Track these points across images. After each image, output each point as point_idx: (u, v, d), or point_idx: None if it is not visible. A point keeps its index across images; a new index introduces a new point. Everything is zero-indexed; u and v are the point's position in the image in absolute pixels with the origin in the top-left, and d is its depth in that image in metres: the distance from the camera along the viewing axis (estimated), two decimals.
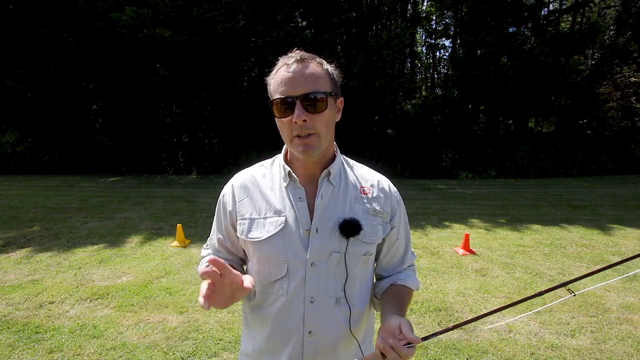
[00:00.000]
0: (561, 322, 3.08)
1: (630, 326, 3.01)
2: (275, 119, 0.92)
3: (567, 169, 13.45)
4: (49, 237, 5.46)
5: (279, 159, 1.04)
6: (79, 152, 13.82)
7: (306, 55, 0.90)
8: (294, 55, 0.90)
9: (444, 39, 17.30)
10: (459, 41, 16.09)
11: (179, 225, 5.21)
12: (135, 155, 13.88)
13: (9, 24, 12.51)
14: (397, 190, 1.08)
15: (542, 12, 15.36)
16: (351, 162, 1.08)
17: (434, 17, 17.01)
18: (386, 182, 1.06)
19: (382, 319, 0.92)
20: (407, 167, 13.51)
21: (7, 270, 4.19)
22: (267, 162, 1.07)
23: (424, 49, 19.37)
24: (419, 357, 2.61)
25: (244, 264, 1.10)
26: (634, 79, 15.05)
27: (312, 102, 0.86)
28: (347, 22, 14.02)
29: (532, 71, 12.94)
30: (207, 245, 1.14)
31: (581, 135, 15.41)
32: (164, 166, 13.83)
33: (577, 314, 3.20)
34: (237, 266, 1.09)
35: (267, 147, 11.55)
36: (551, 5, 16.50)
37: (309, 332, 0.94)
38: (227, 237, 1.04)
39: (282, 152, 1.03)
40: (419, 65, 18.89)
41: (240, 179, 1.04)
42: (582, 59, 15.56)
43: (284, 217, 0.94)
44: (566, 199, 8.69)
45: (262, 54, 12.46)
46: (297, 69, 0.87)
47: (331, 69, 0.94)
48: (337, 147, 1.04)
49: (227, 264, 1.03)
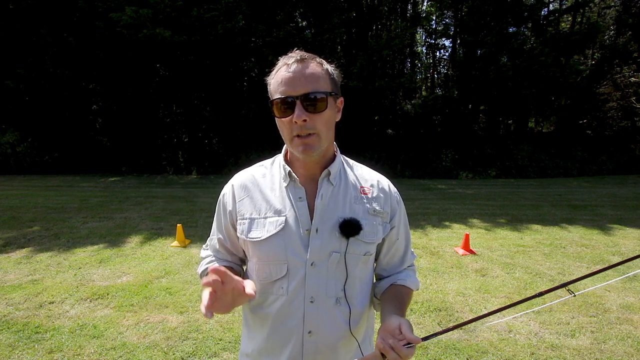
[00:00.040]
0: (561, 322, 3.08)
1: (630, 326, 3.01)
2: (275, 119, 0.92)
3: (567, 169, 13.45)
4: (49, 237, 5.46)
5: (279, 159, 1.04)
6: (79, 152, 13.82)
7: (306, 55, 0.90)
8: (294, 55, 0.90)
9: (444, 39, 17.31)
10: (459, 41, 16.09)
11: (179, 225, 5.21)
12: (135, 155, 13.88)
13: (9, 24, 12.51)
14: (397, 190, 1.08)
15: (542, 12, 15.37)
16: (351, 162, 1.08)
17: (434, 17, 17.01)
18: (386, 182, 1.06)
19: (382, 319, 0.92)
20: (407, 167, 13.51)
21: (7, 270, 4.19)
22: (267, 162, 1.07)
23: (424, 49, 19.38)
24: (419, 357, 2.61)
25: (244, 264, 1.10)
26: (634, 79, 15.04)
27: (312, 102, 0.86)
28: (347, 22, 14.02)
29: (532, 71, 12.94)
30: (206, 245, 1.14)
31: (581, 135, 15.41)
32: (164, 166, 13.83)
33: (577, 314, 3.20)
34: (237, 267, 1.09)
35: (267, 147, 11.55)
36: (551, 5, 16.52)
37: (309, 332, 0.94)
38: (227, 237, 1.04)
39: (282, 152, 1.03)
40: (419, 65, 18.90)
41: (240, 179, 1.04)
42: (582, 59, 15.56)
43: (284, 217, 0.94)
44: (566, 199, 8.69)
45: (262, 54, 12.47)
46: (297, 69, 0.87)
47: (331, 69, 0.94)
48: (337, 147, 1.04)
49: (228, 267, 1.04)
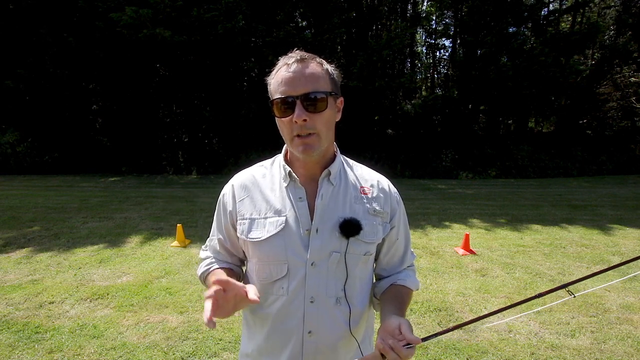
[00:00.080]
0: (561, 322, 3.08)
1: (630, 326, 3.01)
2: (275, 119, 0.92)
3: (567, 169, 13.45)
4: (49, 237, 5.46)
5: (279, 159, 1.04)
6: (79, 152, 13.82)
7: (306, 55, 0.90)
8: (294, 55, 0.90)
9: (444, 39, 17.31)
10: (459, 41, 16.09)
11: (179, 225, 5.21)
12: (135, 155, 13.88)
13: (9, 24, 12.51)
14: (396, 190, 1.08)
15: (542, 12, 15.36)
16: (351, 162, 1.08)
17: (434, 17, 17.01)
18: (386, 182, 1.06)
19: (381, 319, 0.92)
20: (407, 167, 13.51)
21: (7, 270, 4.19)
22: (267, 162, 1.07)
23: (424, 49, 19.38)
24: (419, 357, 2.61)
25: (243, 265, 1.10)
26: (634, 79, 15.04)
27: (312, 101, 0.86)
28: (347, 22, 14.02)
29: (532, 71, 12.94)
30: (205, 246, 1.13)
31: (581, 135, 15.41)
32: (164, 166, 13.83)
33: (577, 314, 3.20)
34: (237, 269, 1.09)
35: (267, 147, 11.55)
36: (551, 5, 16.51)
37: (309, 332, 0.94)
38: (227, 237, 1.04)
39: (282, 152, 1.03)
40: (419, 65, 18.90)
41: (240, 179, 1.04)
42: (582, 59, 15.56)
43: (284, 217, 0.94)
44: (566, 199, 8.69)
45: (262, 54, 12.46)
46: (297, 68, 0.87)
47: (331, 69, 0.94)
48: (337, 147, 1.04)
49: (227, 269, 1.04)
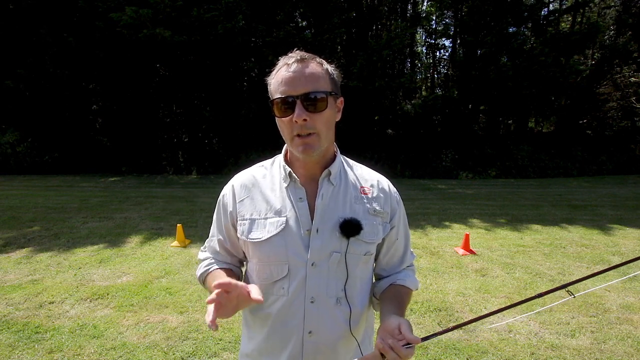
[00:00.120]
0: (561, 322, 3.08)
1: (630, 326, 3.01)
2: (275, 119, 0.92)
3: (567, 169, 13.45)
4: (49, 237, 5.46)
5: (279, 159, 1.04)
6: (79, 152, 13.82)
7: (306, 55, 0.90)
8: (294, 55, 0.90)
9: (444, 39, 17.31)
10: (459, 41, 16.09)
11: (179, 225, 5.21)
12: (135, 155, 13.88)
13: (9, 24, 12.51)
14: (396, 190, 1.08)
15: (542, 12, 15.37)
16: (351, 162, 1.08)
17: (434, 17, 17.01)
18: (386, 182, 1.07)
19: (381, 318, 0.92)
20: (407, 167, 13.51)
21: (7, 270, 4.19)
22: (267, 162, 1.07)
23: (424, 49, 19.38)
24: (419, 357, 2.61)
25: (242, 266, 1.10)
26: (634, 79, 15.04)
27: (312, 101, 0.86)
28: (347, 22, 14.02)
29: (532, 71, 12.94)
30: (204, 248, 1.12)
31: (581, 135, 15.41)
32: (164, 166, 13.83)
33: (577, 314, 3.20)
34: (236, 269, 1.09)
35: (267, 147, 11.55)
36: (551, 5, 16.52)
37: (309, 332, 0.94)
38: (228, 237, 1.04)
39: (282, 153, 1.03)
40: (419, 65, 18.90)
41: (240, 179, 1.04)
42: (582, 59, 15.56)
43: (285, 218, 0.94)
44: (566, 199, 8.69)
45: (262, 54, 12.46)
46: (298, 68, 0.87)
47: (331, 69, 0.94)
48: (336, 147, 1.04)
49: (227, 270, 1.03)
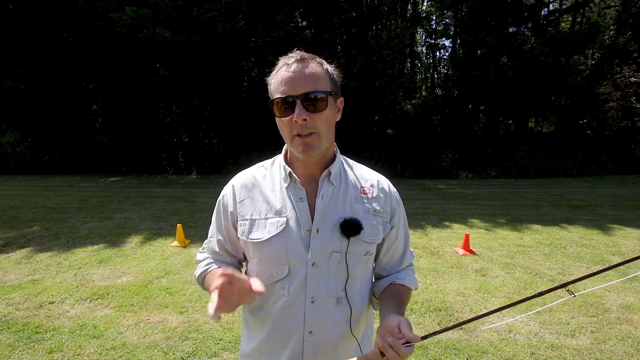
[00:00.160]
0: (561, 322, 3.08)
1: (630, 326, 3.01)
2: (275, 119, 0.92)
3: (567, 169, 13.46)
4: (49, 237, 5.46)
5: (279, 159, 1.04)
6: (79, 152, 13.82)
7: (306, 55, 0.91)
8: (294, 55, 0.90)
9: (444, 39, 17.31)
10: (459, 41, 16.09)
11: (179, 225, 5.21)
12: (135, 155, 13.88)
13: (9, 24, 12.50)
14: (396, 190, 1.08)
15: (542, 12, 15.37)
16: (351, 162, 1.08)
17: (434, 17, 17.01)
18: (386, 182, 1.07)
19: (381, 317, 0.92)
20: (407, 167, 13.52)
21: (7, 270, 4.19)
22: (267, 162, 1.07)
23: (424, 49, 19.38)
24: (419, 357, 2.61)
25: (242, 266, 1.10)
26: (634, 79, 15.04)
27: (312, 101, 0.86)
28: (347, 22, 14.02)
29: (532, 71, 12.94)
30: (203, 249, 1.12)
31: (581, 135, 15.41)
32: (164, 166, 13.83)
33: (577, 314, 3.20)
34: (236, 269, 1.08)
35: (267, 147, 11.55)
36: (551, 5, 16.52)
37: (310, 332, 0.94)
38: (228, 238, 1.03)
39: (282, 153, 1.03)
40: (419, 65, 18.90)
41: (240, 180, 1.04)
42: (582, 59, 15.56)
43: (285, 218, 0.94)
44: (566, 199, 8.69)
45: (262, 54, 12.46)
46: (298, 68, 0.87)
47: (331, 69, 0.94)
48: (336, 147, 1.04)
49: (233, 269, 1.03)
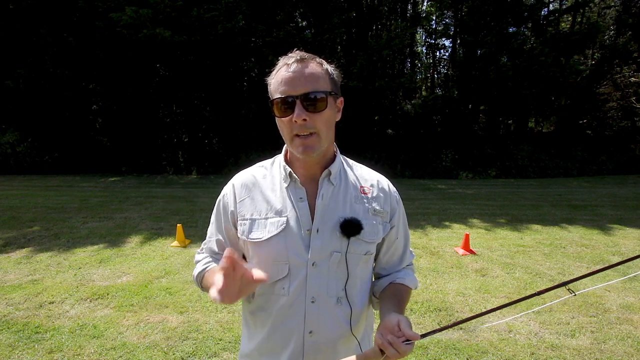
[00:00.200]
0: (561, 322, 3.08)
1: (630, 326, 3.01)
2: (275, 119, 0.92)
3: (567, 169, 13.45)
4: (49, 237, 5.46)
5: (279, 159, 1.04)
6: (79, 152, 13.82)
7: (306, 55, 0.91)
8: (294, 55, 0.90)
9: (444, 39, 17.31)
10: (459, 41, 16.09)
11: (179, 225, 5.21)
12: (135, 155, 13.88)
13: (9, 24, 12.51)
14: (396, 190, 1.08)
15: (542, 12, 15.37)
16: (350, 162, 1.08)
17: (434, 17, 17.01)
18: (385, 182, 1.07)
19: (380, 316, 0.92)
20: (407, 167, 13.52)
21: (7, 270, 4.19)
22: (267, 162, 1.07)
23: (424, 49, 19.38)
24: (419, 357, 2.61)
25: None
26: (634, 79, 15.04)
27: (312, 101, 0.86)
28: (347, 22, 14.02)
29: (532, 71, 12.94)
30: (201, 249, 1.11)
31: (581, 135, 15.42)
32: (164, 166, 13.83)
33: (577, 314, 3.20)
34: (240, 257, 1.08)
35: (267, 147, 11.55)
36: (551, 5, 16.52)
37: (310, 331, 0.94)
38: (228, 238, 1.03)
39: (282, 153, 1.03)
40: (419, 65, 18.90)
41: (241, 179, 1.04)
42: (582, 59, 15.56)
43: (285, 218, 0.94)
44: (566, 199, 8.69)
45: (262, 54, 12.46)
46: (297, 68, 0.87)
47: (331, 69, 0.94)
48: (336, 147, 1.04)
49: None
